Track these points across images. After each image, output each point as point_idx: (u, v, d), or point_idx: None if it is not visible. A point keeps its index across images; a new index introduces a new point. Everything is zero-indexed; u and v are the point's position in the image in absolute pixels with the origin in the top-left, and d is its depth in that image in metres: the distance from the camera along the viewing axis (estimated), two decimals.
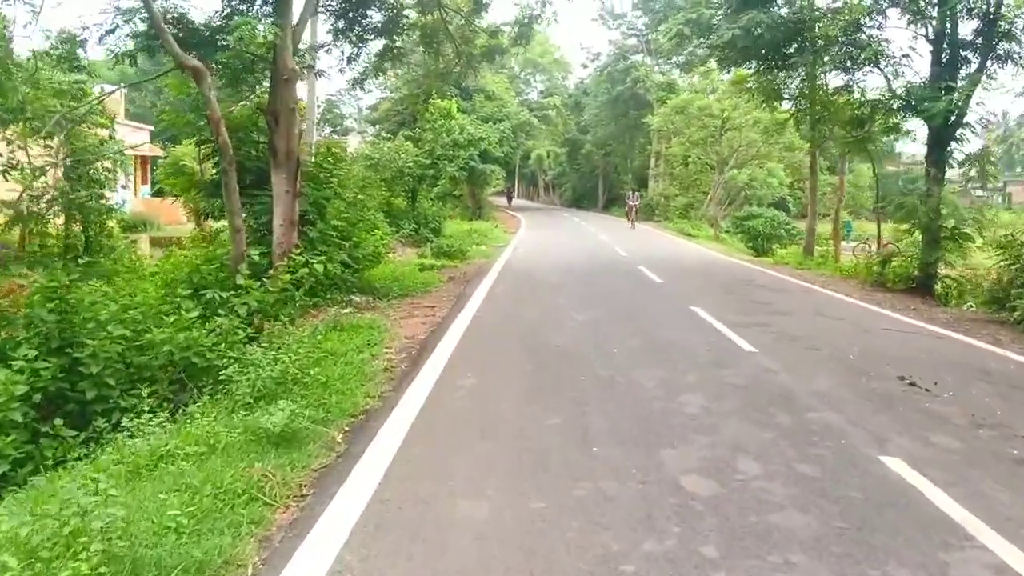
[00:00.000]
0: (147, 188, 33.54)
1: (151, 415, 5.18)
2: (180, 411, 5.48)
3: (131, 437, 4.85)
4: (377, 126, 37.41)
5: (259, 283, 8.23)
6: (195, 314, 6.73)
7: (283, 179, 10.86)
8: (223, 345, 6.43)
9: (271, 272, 8.92)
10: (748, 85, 20.95)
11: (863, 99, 16.14)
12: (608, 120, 49.90)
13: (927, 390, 6.29)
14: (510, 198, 57.19)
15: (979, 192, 75.69)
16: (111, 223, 16.33)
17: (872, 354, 7.74)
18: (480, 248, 21.05)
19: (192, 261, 9.40)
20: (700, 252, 23.30)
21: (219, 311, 7.31)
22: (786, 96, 20.34)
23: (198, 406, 5.47)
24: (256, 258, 9.38)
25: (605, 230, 30.70)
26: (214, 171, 12.27)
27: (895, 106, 15.11)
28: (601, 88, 48.92)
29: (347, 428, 5.23)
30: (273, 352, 6.20)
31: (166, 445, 4.54)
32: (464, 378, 6.43)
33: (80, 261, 10.48)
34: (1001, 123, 79.57)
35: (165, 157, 38.56)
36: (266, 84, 11.29)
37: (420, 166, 22.95)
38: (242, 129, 11.86)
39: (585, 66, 59.66)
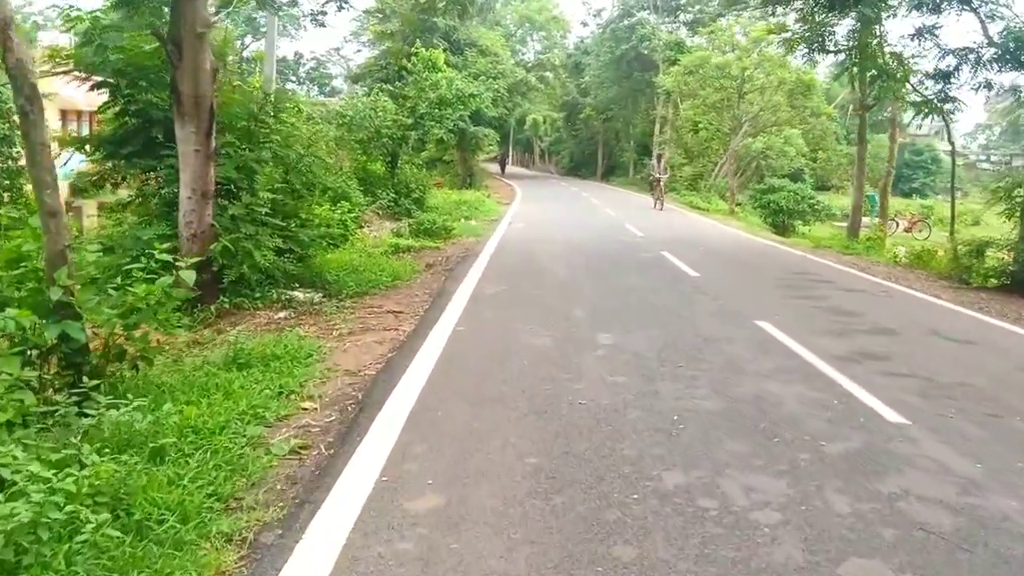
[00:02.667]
0: None
1: None
2: None
3: None
4: (359, 84, 33.89)
5: (118, 290, 5.19)
6: None
7: (191, 134, 7.74)
8: None
9: (176, 262, 5.80)
10: (785, 35, 17.77)
11: (946, 48, 13.07)
12: (610, 82, 46.40)
13: None
14: (504, 165, 53.81)
15: (985, 164, 72.06)
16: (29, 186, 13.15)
17: None
18: (469, 224, 17.96)
19: None
20: (722, 231, 20.31)
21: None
22: (831, 49, 17.16)
23: None
24: (155, 244, 6.27)
25: (610, 203, 27.63)
26: (116, 122, 9.15)
27: (988, 57, 12.07)
28: (604, 47, 45.32)
29: None
30: (59, 451, 3.24)
31: None
32: (420, 499, 3.47)
33: None
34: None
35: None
36: None
37: (400, 126, 19.72)
38: (146, 68, 8.72)
39: (585, 24, 56.11)
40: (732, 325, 7.37)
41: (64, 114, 18.55)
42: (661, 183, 25.44)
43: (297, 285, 8.82)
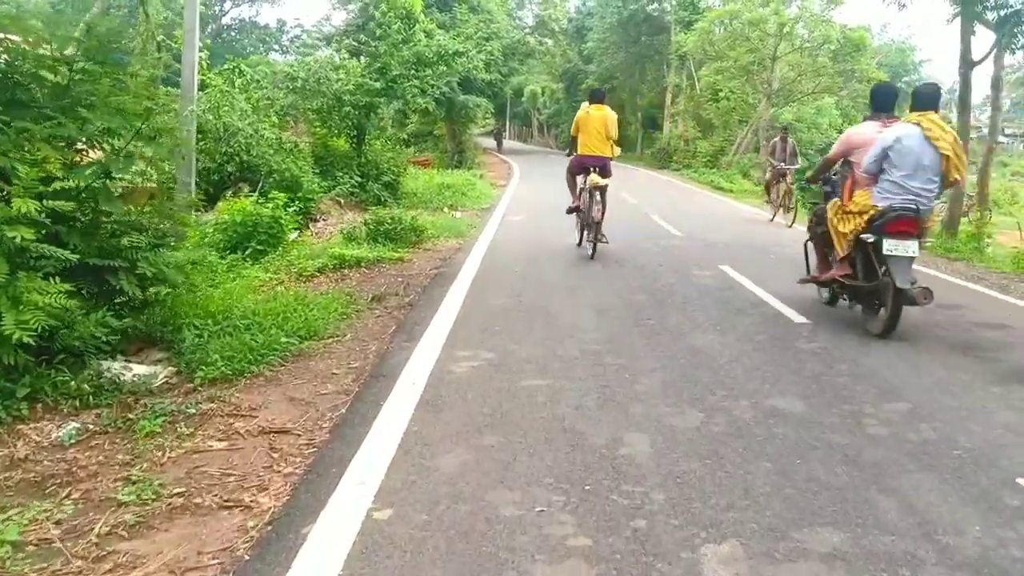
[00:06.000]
0: None
1: None
2: None
3: None
4: (332, 45, 29.58)
5: None
6: None
7: None
8: None
9: None
10: None
11: None
12: (616, 47, 42.09)
13: None
14: (500, 140, 49.52)
15: (1001, 137, 68.82)
16: None
17: None
18: (452, 219, 14.00)
19: None
20: (767, 221, 16.41)
21: None
22: None
23: None
24: None
25: (623, 184, 23.59)
26: None
27: None
28: (610, 8, 40.87)
29: None
30: None
31: None
32: None
33: None
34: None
35: None
36: None
37: (368, 91, 15.67)
38: None
39: None
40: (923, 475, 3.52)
41: None
42: (788, 177, 15.16)
43: (110, 354, 4.95)
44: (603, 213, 9.48)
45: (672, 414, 4.24)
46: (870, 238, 5.94)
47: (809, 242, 7.17)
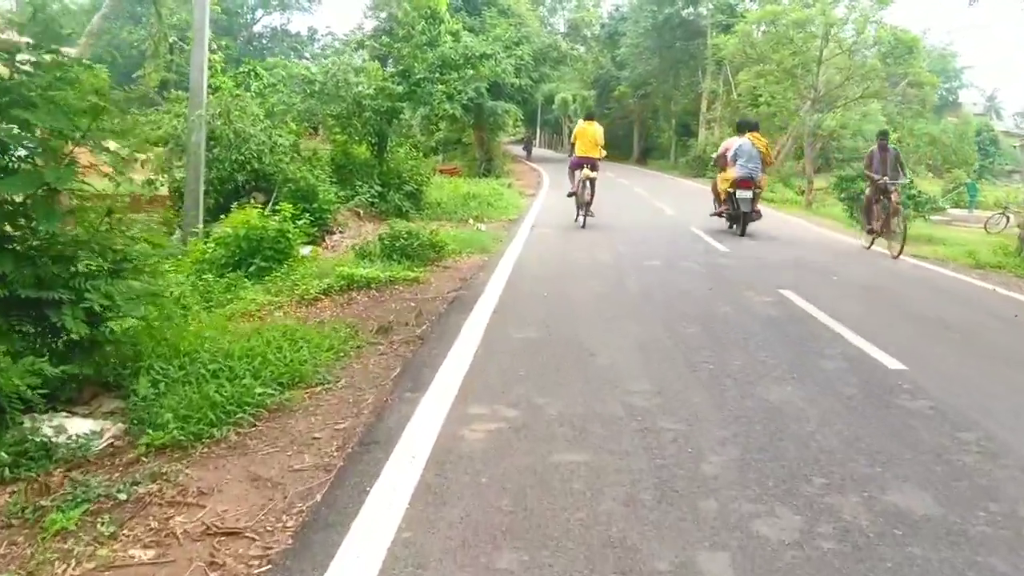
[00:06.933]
0: None
1: None
2: None
3: None
4: (360, 51, 28.88)
5: None
6: None
7: None
8: None
9: None
10: None
11: None
12: (650, 52, 40.90)
13: None
14: (529, 148, 48.58)
15: None
16: None
17: None
18: (477, 232, 12.97)
19: None
20: (819, 235, 15.15)
21: None
22: None
23: None
24: None
25: (656, 193, 22.48)
26: None
27: None
28: (644, 12, 39.72)
29: None
30: None
31: None
32: None
33: None
34: None
35: None
36: None
37: (389, 95, 14.75)
38: None
39: None
40: None
41: None
42: (894, 196, 11.60)
43: (92, 393, 4.01)
44: (592, 196, 13.48)
45: (759, 516, 3.11)
46: (732, 190, 12.90)
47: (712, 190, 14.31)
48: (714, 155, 15.90)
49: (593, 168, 13.17)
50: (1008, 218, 24.69)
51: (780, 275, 9.28)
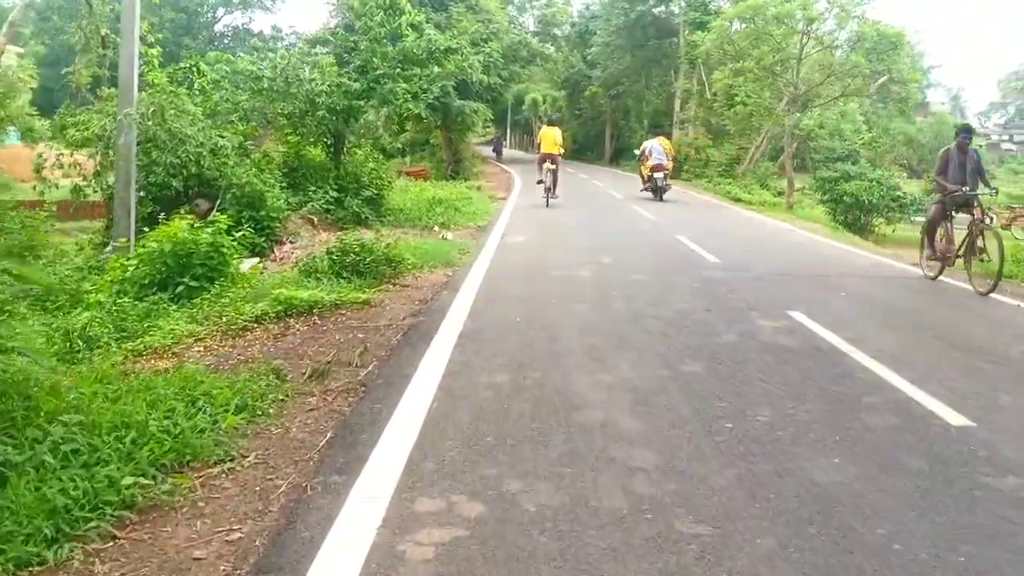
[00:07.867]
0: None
1: None
2: None
3: None
4: (319, 48, 27.43)
5: None
6: None
7: None
8: None
9: None
10: None
11: None
12: (622, 52, 39.97)
13: None
14: (499, 150, 47.43)
15: (1010, 145, 66.38)
16: None
17: None
18: (442, 242, 11.79)
19: None
20: (814, 243, 14.24)
21: None
22: None
23: None
24: None
25: (631, 196, 21.46)
26: None
27: None
28: (615, 10, 38.82)
29: None
30: None
31: None
32: None
33: None
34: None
35: None
36: None
37: (345, 93, 13.51)
38: None
39: None
40: None
41: None
42: (977, 211, 8.80)
43: None
44: (556, 184, 17.62)
45: None
46: (650, 174, 20.90)
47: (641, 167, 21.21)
48: (637, 151, 23.76)
49: (554, 162, 17.60)
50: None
51: (775, 286, 8.23)
